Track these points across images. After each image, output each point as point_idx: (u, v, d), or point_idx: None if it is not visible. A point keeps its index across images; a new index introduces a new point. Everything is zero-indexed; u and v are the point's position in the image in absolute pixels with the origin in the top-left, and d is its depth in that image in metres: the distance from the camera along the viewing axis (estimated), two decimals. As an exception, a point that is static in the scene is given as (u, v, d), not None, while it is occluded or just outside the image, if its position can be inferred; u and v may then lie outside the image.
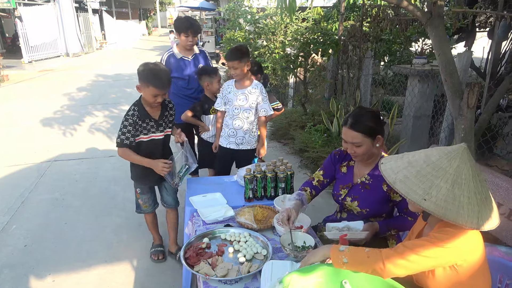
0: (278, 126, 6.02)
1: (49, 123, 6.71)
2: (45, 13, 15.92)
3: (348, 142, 1.86)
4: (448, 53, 2.47)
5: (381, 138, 1.86)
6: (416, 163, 1.30)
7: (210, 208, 2.21)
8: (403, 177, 1.28)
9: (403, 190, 1.26)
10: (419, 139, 4.17)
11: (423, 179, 1.26)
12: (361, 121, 1.81)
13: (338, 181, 2.10)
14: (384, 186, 1.89)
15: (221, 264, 1.71)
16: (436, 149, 1.33)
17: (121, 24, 26.56)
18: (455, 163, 1.26)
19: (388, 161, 1.38)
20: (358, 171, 2.02)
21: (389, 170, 1.33)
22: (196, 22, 3.46)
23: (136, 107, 2.41)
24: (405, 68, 4.16)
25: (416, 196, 1.24)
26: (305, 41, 5.34)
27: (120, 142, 2.41)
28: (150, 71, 2.30)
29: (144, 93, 2.34)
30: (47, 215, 3.63)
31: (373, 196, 1.92)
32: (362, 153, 1.85)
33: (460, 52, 3.46)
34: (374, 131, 1.82)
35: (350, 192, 2.00)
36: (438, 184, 1.24)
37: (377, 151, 1.93)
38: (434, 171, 1.26)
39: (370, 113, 1.86)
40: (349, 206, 2.01)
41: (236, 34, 8.58)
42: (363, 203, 1.95)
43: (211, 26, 16.99)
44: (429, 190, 1.24)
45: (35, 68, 13.51)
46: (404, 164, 1.32)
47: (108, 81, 11.05)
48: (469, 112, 2.39)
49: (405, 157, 1.36)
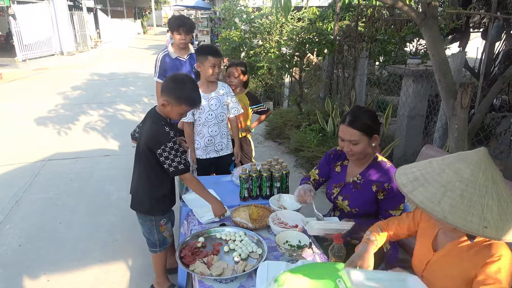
0: (274, 126, 6.03)
1: (43, 122, 6.67)
2: (39, 11, 15.80)
3: (345, 140, 1.87)
4: (442, 54, 2.49)
5: (378, 137, 1.88)
6: (451, 185, 1.15)
7: (205, 208, 2.21)
8: (450, 208, 1.12)
9: (459, 224, 1.10)
10: (413, 138, 4.20)
11: (471, 203, 1.12)
12: (359, 119, 1.83)
13: (332, 180, 2.12)
14: (373, 187, 1.90)
15: (216, 263, 1.72)
16: (457, 159, 1.21)
17: (116, 23, 26.43)
18: (489, 173, 1.15)
19: (416, 189, 1.21)
20: (351, 170, 2.04)
21: (427, 202, 1.16)
22: (189, 20, 3.46)
23: (167, 126, 2.04)
24: (400, 68, 4.18)
25: (475, 226, 1.09)
26: (301, 40, 5.35)
27: (181, 169, 2.05)
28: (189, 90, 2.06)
29: (175, 110, 2.07)
30: (42, 214, 3.62)
31: (363, 196, 1.94)
32: (358, 151, 1.86)
33: (454, 52, 3.49)
34: (371, 129, 1.85)
35: (342, 191, 2.02)
36: (487, 204, 1.11)
37: (372, 151, 1.94)
38: (476, 190, 1.13)
39: (368, 112, 1.89)
40: (340, 205, 2.03)
41: (231, 33, 8.56)
42: (353, 202, 1.96)
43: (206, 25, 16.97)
44: (484, 215, 1.11)
45: (29, 67, 13.41)
46: (439, 190, 1.16)
47: (103, 80, 11.00)
48: (463, 112, 2.42)
49: (430, 178, 1.21)
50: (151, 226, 2.27)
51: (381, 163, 1.93)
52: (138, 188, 2.22)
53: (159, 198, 2.21)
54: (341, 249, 1.61)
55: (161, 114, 2.08)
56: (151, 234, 2.29)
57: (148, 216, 2.25)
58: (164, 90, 2.05)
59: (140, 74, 12.01)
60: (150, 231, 2.29)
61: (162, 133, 2.00)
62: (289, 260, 1.74)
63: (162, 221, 2.28)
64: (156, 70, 3.49)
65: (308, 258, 1.77)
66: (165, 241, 2.34)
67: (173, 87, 2.03)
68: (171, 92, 2.02)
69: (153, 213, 2.24)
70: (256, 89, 8.40)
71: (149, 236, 2.31)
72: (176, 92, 2.02)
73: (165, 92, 2.04)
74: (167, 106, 2.04)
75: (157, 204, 2.23)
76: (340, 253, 1.60)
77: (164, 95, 2.04)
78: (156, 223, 2.26)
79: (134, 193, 2.26)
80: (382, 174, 1.88)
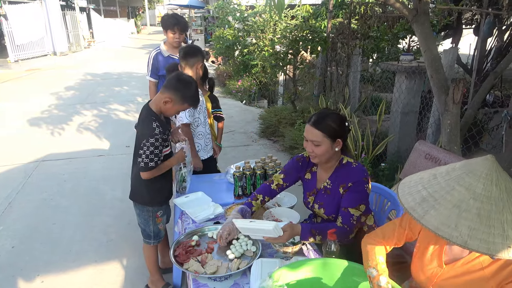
0: (268, 124, 6.04)
1: (36, 123, 6.62)
2: (31, 11, 15.67)
3: (308, 140, 1.83)
4: (433, 50, 2.50)
5: (341, 142, 1.81)
6: (465, 204, 1.04)
7: (197, 208, 2.21)
8: (469, 231, 1.01)
9: (482, 249, 0.98)
10: (406, 135, 4.22)
11: (490, 222, 1.01)
12: (324, 121, 1.78)
13: (305, 188, 2.05)
14: (340, 189, 1.84)
15: (210, 261, 1.71)
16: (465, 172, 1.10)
17: (110, 23, 26.27)
18: (502, 184, 1.05)
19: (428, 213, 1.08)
20: (320, 176, 1.97)
21: (443, 227, 1.04)
22: (182, 18, 3.44)
23: (156, 122, 2.06)
24: (393, 65, 4.19)
25: (500, 248, 0.98)
26: (294, 38, 5.36)
27: (150, 167, 2.08)
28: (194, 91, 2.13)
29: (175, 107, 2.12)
30: (35, 215, 3.59)
31: (334, 200, 1.88)
32: (320, 153, 1.80)
33: (447, 48, 3.50)
34: (335, 133, 1.78)
35: (316, 198, 1.96)
36: (506, 220, 1.01)
37: (337, 155, 1.88)
38: (493, 206, 1.02)
39: (335, 115, 1.82)
40: (317, 213, 1.98)
41: (225, 32, 8.56)
42: (328, 209, 1.90)
43: (200, 24, 16.90)
44: (506, 233, 0.99)
45: (21, 67, 13.29)
46: (453, 211, 1.05)
47: (97, 80, 10.94)
48: (455, 107, 2.43)
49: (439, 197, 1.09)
50: (147, 217, 2.30)
51: (346, 165, 1.87)
52: (137, 180, 2.24)
53: (156, 189, 2.25)
54: (334, 245, 1.61)
55: (153, 110, 2.10)
56: (147, 225, 2.33)
57: (146, 206, 2.28)
58: (170, 88, 2.07)
59: (134, 73, 11.95)
60: (146, 222, 2.32)
61: (149, 127, 2.04)
62: (283, 257, 1.74)
63: (159, 212, 2.32)
64: (148, 68, 3.48)
65: (302, 255, 1.77)
66: (159, 233, 2.38)
67: (180, 86, 2.07)
68: (177, 91, 2.06)
69: (151, 204, 2.28)
70: (251, 87, 8.40)
71: (144, 227, 2.34)
72: (183, 91, 2.07)
73: (170, 90, 2.07)
74: (169, 103, 2.07)
75: (156, 195, 2.27)
76: (333, 249, 1.61)
77: (169, 92, 2.07)
78: (153, 214, 2.30)
79: (133, 185, 2.29)
80: (347, 175, 1.83)
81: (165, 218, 2.41)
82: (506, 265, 1.18)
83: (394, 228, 1.50)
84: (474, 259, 1.26)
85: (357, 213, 1.79)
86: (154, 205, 2.30)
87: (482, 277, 1.22)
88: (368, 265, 1.42)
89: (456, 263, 1.31)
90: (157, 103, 2.11)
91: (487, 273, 1.22)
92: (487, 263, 1.22)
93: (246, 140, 5.84)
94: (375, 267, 1.39)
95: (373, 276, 1.37)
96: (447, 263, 1.34)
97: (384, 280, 1.33)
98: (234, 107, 7.88)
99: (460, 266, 1.29)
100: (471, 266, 1.26)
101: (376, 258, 1.43)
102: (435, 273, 1.36)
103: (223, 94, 9.19)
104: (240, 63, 8.52)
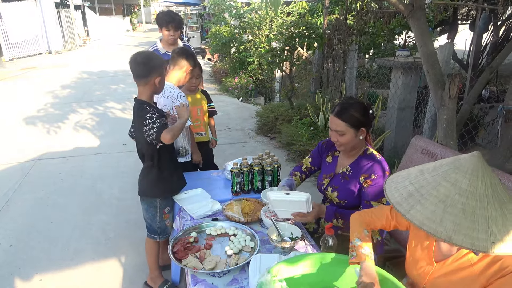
0: (265, 121, 6.03)
1: (32, 122, 6.59)
2: (25, 10, 15.56)
3: (332, 130, 1.88)
4: (429, 45, 2.51)
5: (365, 130, 1.86)
6: (450, 199, 1.05)
7: (196, 204, 2.22)
8: (453, 226, 1.02)
9: (466, 244, 0.99)
10: (403, 130, 4.23)
11: (474, 218, 1.02)
12: (347, 111, 1.82)
13: (323, 170, 2.12)
14: (361, 178, 1.88)
15: (209, 257, 1.72)
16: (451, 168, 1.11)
17: (105, 20, 26.15)
18: (487, 180, 1.06)
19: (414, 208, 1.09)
20: (341, 161, 2.03)
21: (428, 222, 1.05)
22: (177, 15, 3.43)
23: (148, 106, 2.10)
24: (389, 61, 4.20)
25: (483, 243, 0.99)
26: (290, 35, 5.35)
27: (162, 125, 2.03)
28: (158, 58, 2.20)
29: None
30: (33, 214, 3.58)
31: (351, 187, 1.92)
32: (344, 142, 1.86)
33: (442, 44, 3.51)
34: (358, 122, 1.83)
35: (331, 182, 2.02)
36: (490, 216, 1.02)
37: (361, 144, 1.93)
38: (478, 202, 1.03)
39: (358, 104, 1.86)
40: (329, 196, 2.02)
41: (221, 29, 8.54)
42: (341, 194, 1.95)
43: (196, 21, 16.83)
44: (490, 229, 1.00)
45: (16, 66, 13.22)
46: (438, 206, 1.06)
47: (93, 78, 10.89)
48: (451, 102, 2.44)
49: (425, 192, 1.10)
50: (155, 212, 2.29)
51: (371, 155, 1.92)
52: (145, 173, 2.27)
53: (154, 177, 2.22)
54: (332, 240, 1.62)
55: (143, 99, 2.12)
56: (154, 221, 2.31)
57: (152, 202, 2.26)
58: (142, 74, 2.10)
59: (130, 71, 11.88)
60: (153, 217, 2.31)
61: (142, 110, 2.08)
62: (282, 252, 1.75)
63: (166, 209, 2.31)
64: (145, 66, 3.46)
65: (300, 250, 1.78)
66: (166, 230, 2.36)
67: (143, 62, 2.11)
68: (147, 67, 2.10)
69: (155, 195, 2.25)
70: (247, 84, 8.39)
71: (151, 222, 2.32)
72: (151, 63, 2.11)
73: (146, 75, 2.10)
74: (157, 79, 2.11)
75: (158, 182, 2.23)
76: (331, 243, 1.62)
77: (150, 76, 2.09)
78: (160, 210, 2.28)
79: (141, 179, 2.30)
80: (371, 165, 1.87)
81: (171, 215, 2.38)
82: (494, 262, 1.19)
83: (383, 215, 1.56)
84: (463, 256, 1.27)
85: (378, 206, 1.82)
86: (162, 197, 2.27)
87: (472, 274, 1.23)
88: (354, 236, 1.48)
89: (446, 260, 1.32)
90: (146, 93, 2.13)
91: (476, 269, 1.22)
92: (476, 260, 1.23)
93: (243, 137, 5.84)
94: (359, 237, 1.46)
95: (357, 245, 1.43)
96: (437, 260, 1.35)
97: (367, 249, 1.40)
98: (231, 104, 7.87)
99: (450, 263, 1.30)
100: (460, 264, 1.27)
101: (363, 231, 1.49)
102: (427, 271, 1.37)
103: (220, 92, 9.17)
104: (236, 60, 8.51)
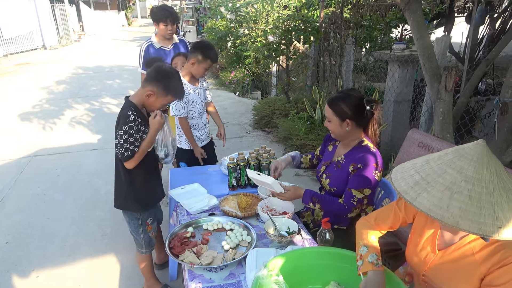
0: (262, 115, 6.02)
1: (27, 118, 6.54)
2: (19, 4, 15.38)
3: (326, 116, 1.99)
4: (426, 38, 2.50)
5: (350, 123, 1.89)
6: (457, 186, 1.07)
7: (192, 199, 2.21)
8: (460, 212, 1.03)
9: (473, 229, 1.01)
10: (400, 123, 4.23)
11: (481, 203, 1.03)
12: (337, 101, 1.91)
13: (323, 158, 2.20)
14: (350, 167, 1.91)
15: (206, 252, 1.72)
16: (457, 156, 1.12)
17: (100, 15, 25.90)
18: (492, 167, 1.07)
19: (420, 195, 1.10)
20: (338, 150, 2.09)
21: (435, 208, 1.06)
22: (172, 9, 3.40)
23: (132, 111, 1.94)
24: (385, 54, 4.19)
25: (490, 228, 1.00)
26: (287, 28, 5.32)
27: (126, 156, 1.92)
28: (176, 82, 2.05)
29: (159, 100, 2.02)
30: (29, 211, 3.57)
31: (341, 176, 1.96)
32: (331, 129, 1.97)
33: (439, 37, 3.50)
34: (343, 114, 1.89)
35: (327, 169, 2.08)
36: (496, 202, 1.03)
37: (354, 135, 1.97)
38: (483, 188, 1.05)
39: (352, 97, 1.89)
40: (323, 183, 2.07)
41: (217, 23, 8.48)
42: (332, 181, 2.00)
43: (192, 16, 16.72)
44: (496, 214, 1.02)
45: (11, 62, 13.10)
46: (444, 193, 1.07)
47: (88, 73, 10.82)
48: (447, 95, 2.44)
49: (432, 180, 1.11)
50: (137, 225, 2.19)
51: (365, 147, 1.94)
52: (118, 184, 2.14)
53: (134, 189, 2.09)
54: (329, 234, 1.62)
55: (134, 102, 1.98)
56: (138, 234, 2.23)
57: (133, 214, 2.16)
58: (151, 80, 1.98)
59: (126, 66, 11.83)
60: (136, 231, 2.22)
61: (123, 115, 1.93)
62: (278, 246, 1.75)
63: (149, 220, 2.22)
64: (140, 61, 3.44)
65: (297, 244, 1.78)
66: (151, 242, 2.29)
67: (160, 78, 1.97)
68: (158, 83, 1.96)
69: (133, 209, 2.14)
70: (244, 78, 8.36)
71: (136, 235, 2.25)
72: (164, 83, 1.97)
73: (151, 82, 1.97)
74: (152, 97, 1.97)
75: (138, 195, 2.11)
76: (328, 237, 1.62)
77: (150, 85, 1.97)
78: (142, 222, 2.19)
79: (116, 190, 2.17)
80: (362, 156, 1.89)
81: (155, 224, 2.30)
82: (496, 251, 1.20)
83: (389, 212, 1.53)
84: (466, 244, 1.27)
85: (360, 195, 1.85)
86: (143, 209, 2.16)
87: (473, 262, 1.24)
88: (360, 244, 1.46)
89: (448, 248, 1.32)
90: (139, 97, 2.00)
91: (478, 258, 1.23)
92: (478, 248, 1.24)
93: (240, 131, 5.83)
94: (366, 245, 1.43)
95: (364, 253, 1.41)
96: (440, 248, 1.36)
97: (374, 257, 1.38)
98: (228, 99, 7.84)
99: (452, 251, 1.31)
100: (462, 252, 1.28)
101: (369, 237, 1.48)
102: (429, 258, 1.38)
103: (216, 86, 9.14)
104: (233, 55, 8.46)
